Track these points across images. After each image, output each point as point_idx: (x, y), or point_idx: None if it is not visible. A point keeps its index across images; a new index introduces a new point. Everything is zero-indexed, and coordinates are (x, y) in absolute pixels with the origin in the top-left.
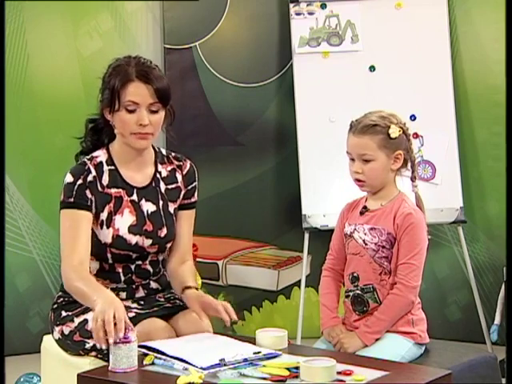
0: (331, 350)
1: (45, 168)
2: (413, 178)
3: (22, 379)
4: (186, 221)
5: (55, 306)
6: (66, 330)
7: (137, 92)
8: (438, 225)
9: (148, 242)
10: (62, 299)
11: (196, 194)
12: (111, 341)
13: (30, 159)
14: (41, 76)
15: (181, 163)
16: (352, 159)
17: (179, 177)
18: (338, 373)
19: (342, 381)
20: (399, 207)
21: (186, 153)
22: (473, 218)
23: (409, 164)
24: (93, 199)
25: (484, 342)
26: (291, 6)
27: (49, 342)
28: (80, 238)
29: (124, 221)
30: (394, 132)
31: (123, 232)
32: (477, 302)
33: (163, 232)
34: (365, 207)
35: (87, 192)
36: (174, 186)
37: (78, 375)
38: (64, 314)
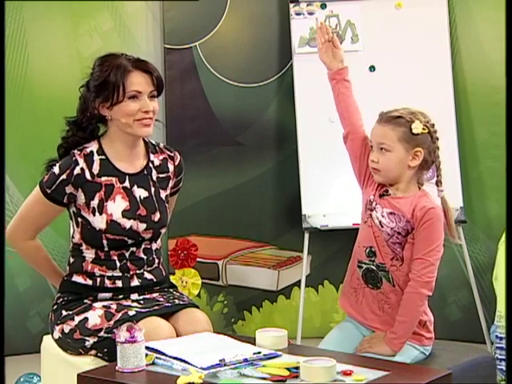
0: (331, 350)
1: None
2: (438, 183)
3: (21, 379)
4: (170, 205)
5: (55, 306)
6: (67, 329)
7: (139, 81)
8: None
9: (142, 226)
10: (61, 299)
11: (182, 183)
12: None
13: (30, 159)
14: (41, 76)
15: (172, 154)
16: (372, 147)
17: (171, 167)
18: (338, 373)
19: (342, 381)
20: (420, 200)
21: (185, 153)
22: (473, 218)
23: (433, 167)
24: (74, 193)
25: (484, 341)
26: (291, 5)
27: (49, 342)
28: (36, 220)
29: (117, 206)
30: (417, 128)
31: (117, 217)
32: (477, 302)
33: (156, 216)
34: (386, 191)
35: (67, 188)
36: (164, 175)
37: (78, 375)
38: (64, 313)
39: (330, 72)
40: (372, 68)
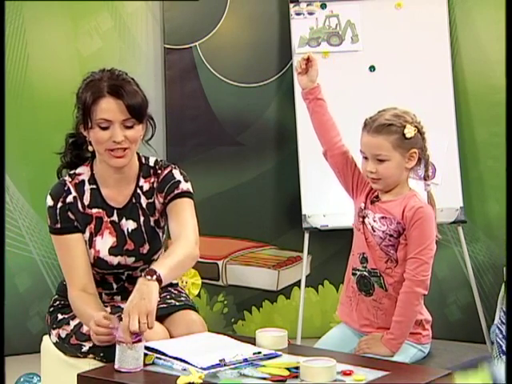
0: (331, 350)
1: (45, 168)
2: (426, 177)
3: (21, 379)
4: (176, 211)
5: (51, 309)
6: (63, 334)
7: (108, 109)
8: (438, 225)
9: (131, 259)
10: (58, 302)
11: (181, 186)
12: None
13: (30, 159)
14: (41, 76)
15: (159, 171)
16: (365, 158)
17: (155, 186)
18: (338, 373)
19: (342, 381)
20: (409, 200)
21: (185, 153)
22: (473, 218)
23: (422, 163)
24: (75, 219)
25: (484, 342)
26: (291, 6)
27: (49, 342)
28: (77, 264)
29: (104, 243)
30: (410, 132)
31: (103, 254)
32: (477, 302)
33: (145, 248)
34: (376, 197)
35: (69, 214)
36: (152, 199)
37: (78, 375)
38: (60, 316)
39: (303, 92)
40: (372, 68)
